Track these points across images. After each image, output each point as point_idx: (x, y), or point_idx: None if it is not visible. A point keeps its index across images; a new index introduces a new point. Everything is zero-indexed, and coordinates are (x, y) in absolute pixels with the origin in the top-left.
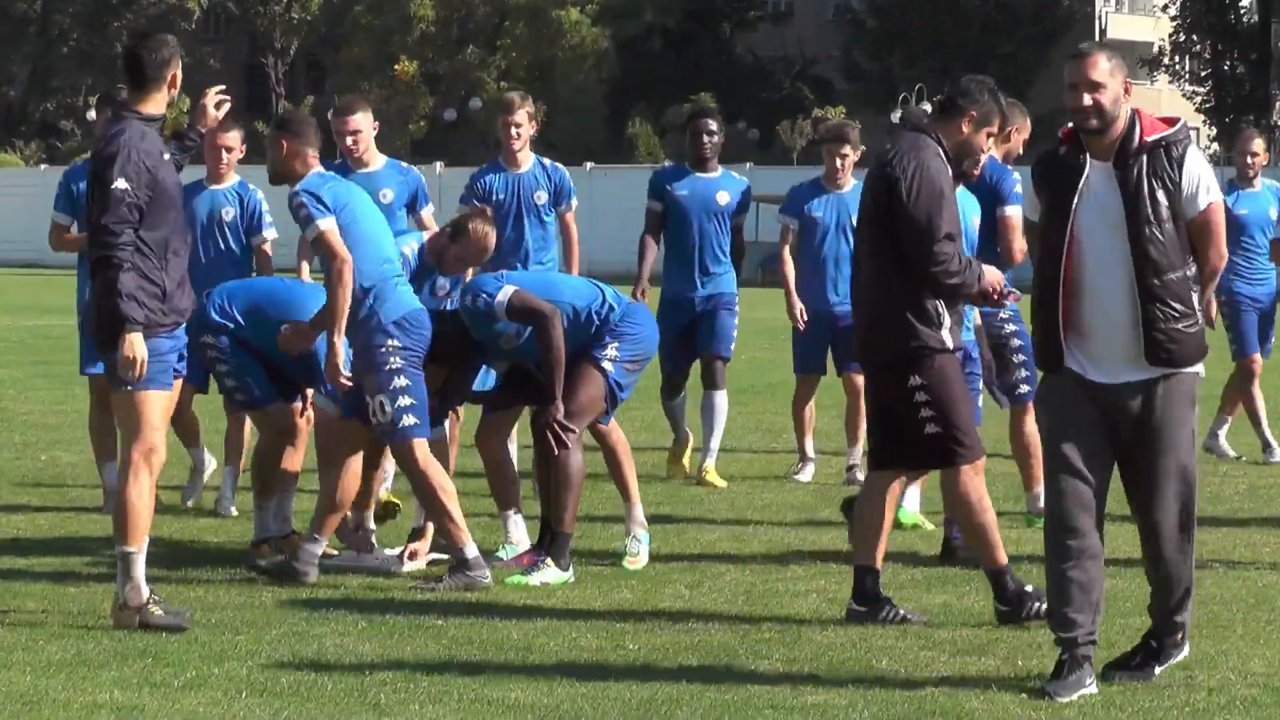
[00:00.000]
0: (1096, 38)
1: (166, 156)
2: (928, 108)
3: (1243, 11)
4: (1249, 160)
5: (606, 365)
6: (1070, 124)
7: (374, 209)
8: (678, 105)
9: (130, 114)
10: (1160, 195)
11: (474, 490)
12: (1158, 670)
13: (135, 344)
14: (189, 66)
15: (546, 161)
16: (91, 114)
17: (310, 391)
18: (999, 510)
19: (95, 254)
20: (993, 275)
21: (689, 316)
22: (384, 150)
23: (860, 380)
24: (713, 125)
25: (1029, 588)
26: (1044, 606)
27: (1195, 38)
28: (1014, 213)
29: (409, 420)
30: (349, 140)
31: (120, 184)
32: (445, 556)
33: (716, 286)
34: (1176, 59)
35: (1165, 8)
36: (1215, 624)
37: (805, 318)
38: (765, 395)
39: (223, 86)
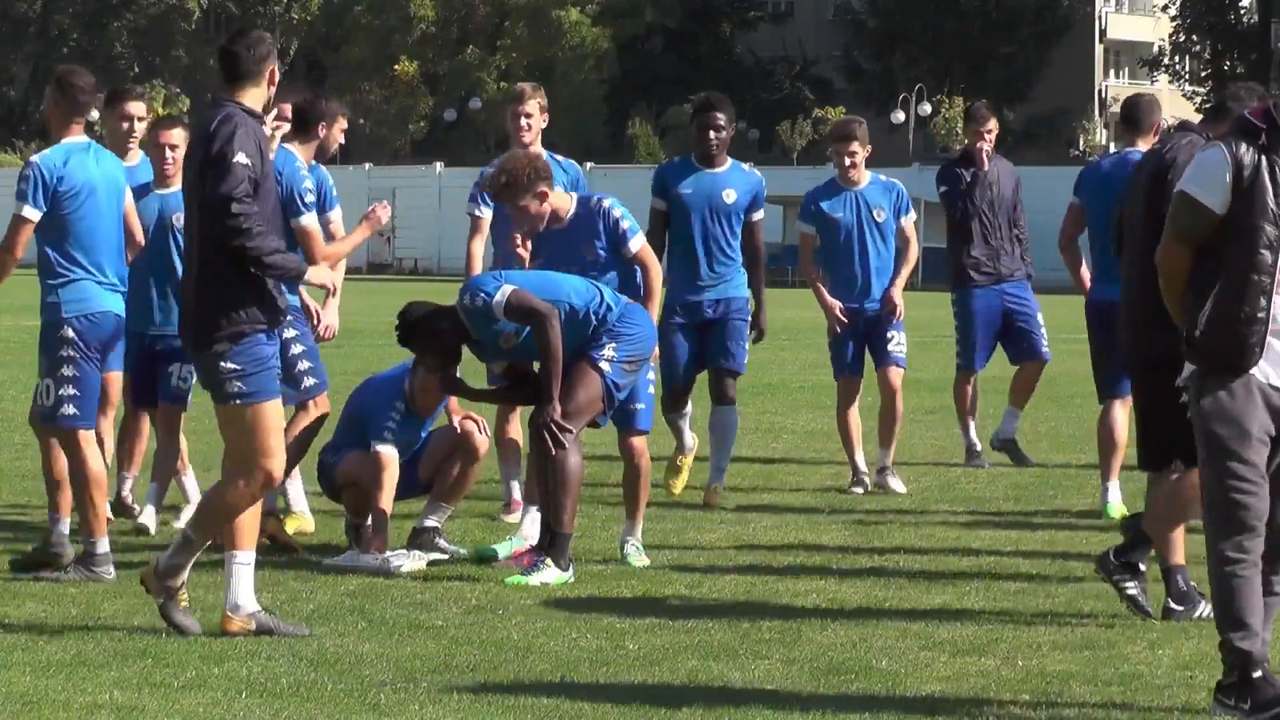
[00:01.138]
0: (1097, 38)
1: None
2: (927, 108)
3: (1243, 11)
4: None
5: (604, 365)
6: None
7: (114, 200)
8: (678, 105)
9: (230, 102)
10: None
11: (475, 494)
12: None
13: (319, 273)
14: (189, 67)
15: (559, 157)
16: (94, 114)
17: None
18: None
19: (230, 229)
20: None
21: (695, 322)
22: (385, 150)
23: (896, 378)
24: (721, 119)
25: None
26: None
27: (1195, 38)
28: None
29: (69, 410)
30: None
31: (241, 158)
32: (445, 556)
33: (724, 291)
34: (1176, 59)
35: (1165, 8)
36: (1215, 624)
37: (846, 319)
38: (765, 395)
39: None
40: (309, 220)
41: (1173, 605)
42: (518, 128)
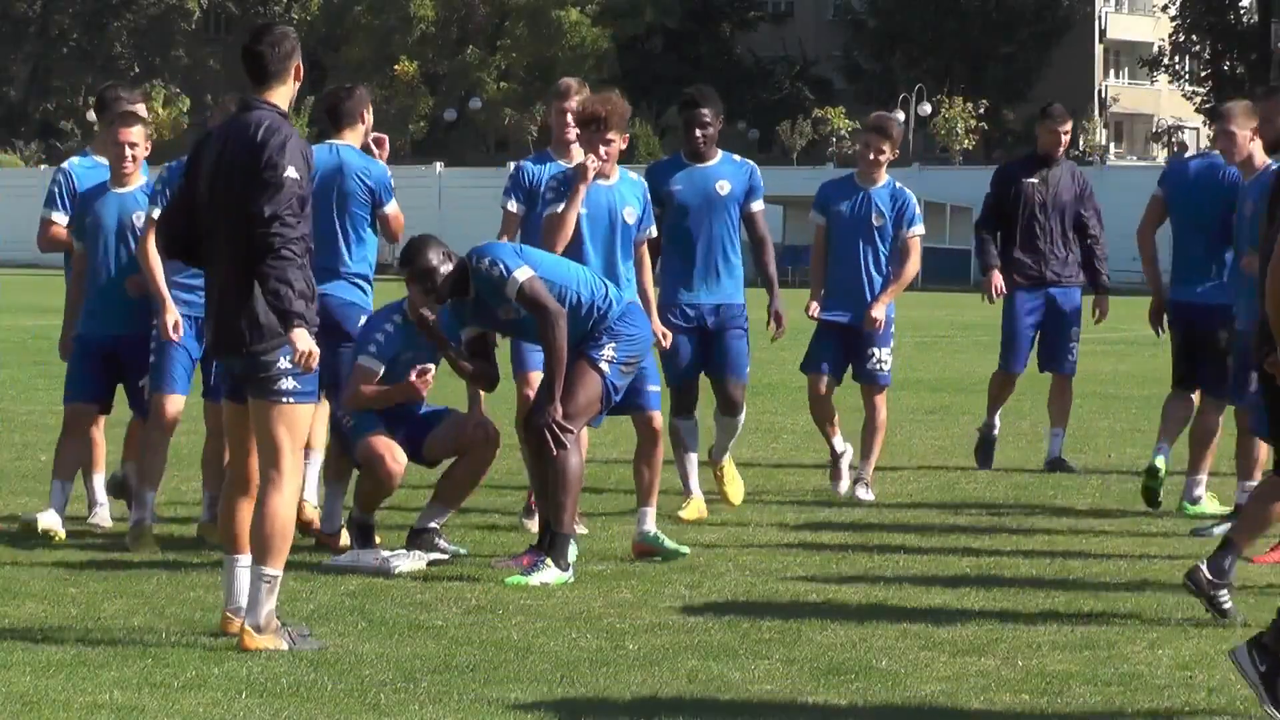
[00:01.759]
0: (1096, 38)
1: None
2: (927, 108)
3: (1243, 11)
4: None
5: (604, 366)
6: None
7: None
8: (677, 105)
9: (267, 106)
10: None
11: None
12: None
13: (306, 338)
14: (189, 67)
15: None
16: (90, 114)
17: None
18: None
19: (264, 245)
20: None
21: (695, 326)
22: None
23: (877, 396)
24: (706, 115)
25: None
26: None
27: (1195, 38)
28: None
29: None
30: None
31: (292, 173)
32: (445, 557)
33: (724, 295)
34: (1176, 59)
35: (1165, 8)
36: (1215, 624)
37: (816, 315)
38: (765, 395)
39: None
40: (393, 208)
41: (1210, 576)
42: (561, 124)
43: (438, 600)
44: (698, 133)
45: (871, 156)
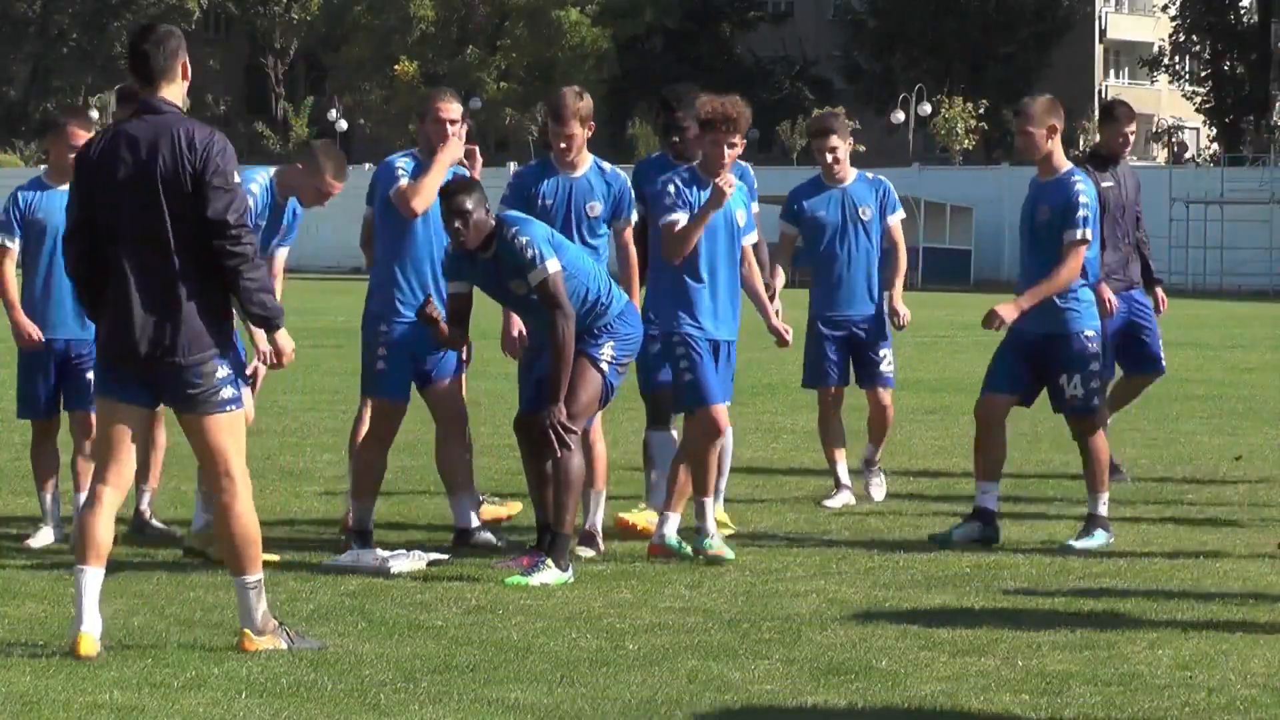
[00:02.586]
0: (1096, 38)
1: None
2: (927, 108)
3: (1243, 11)
4: None
5: (604, 366)
6: None
7: None
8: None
9: (171, 107)
10: None
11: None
12: None
13: (288, 336)
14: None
15: (606, 166)
16: (93, 113)
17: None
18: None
19: (235, 253)
20: None
21: None
22: (385, 150)
23: (887, 397)
24: (681, 116)
25: None
26: None
27: (1195, 38)
28: None
29: None
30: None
31: (238, 178)
32: (445, 557)
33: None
34: (1176, 59)
35: (1165, 8)
36: (1215, 624)
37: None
38: (765, 395)
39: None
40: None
41: None
42: (556, 142)
43: (438, 600)
44: (675, 137)
45: (829, 159)
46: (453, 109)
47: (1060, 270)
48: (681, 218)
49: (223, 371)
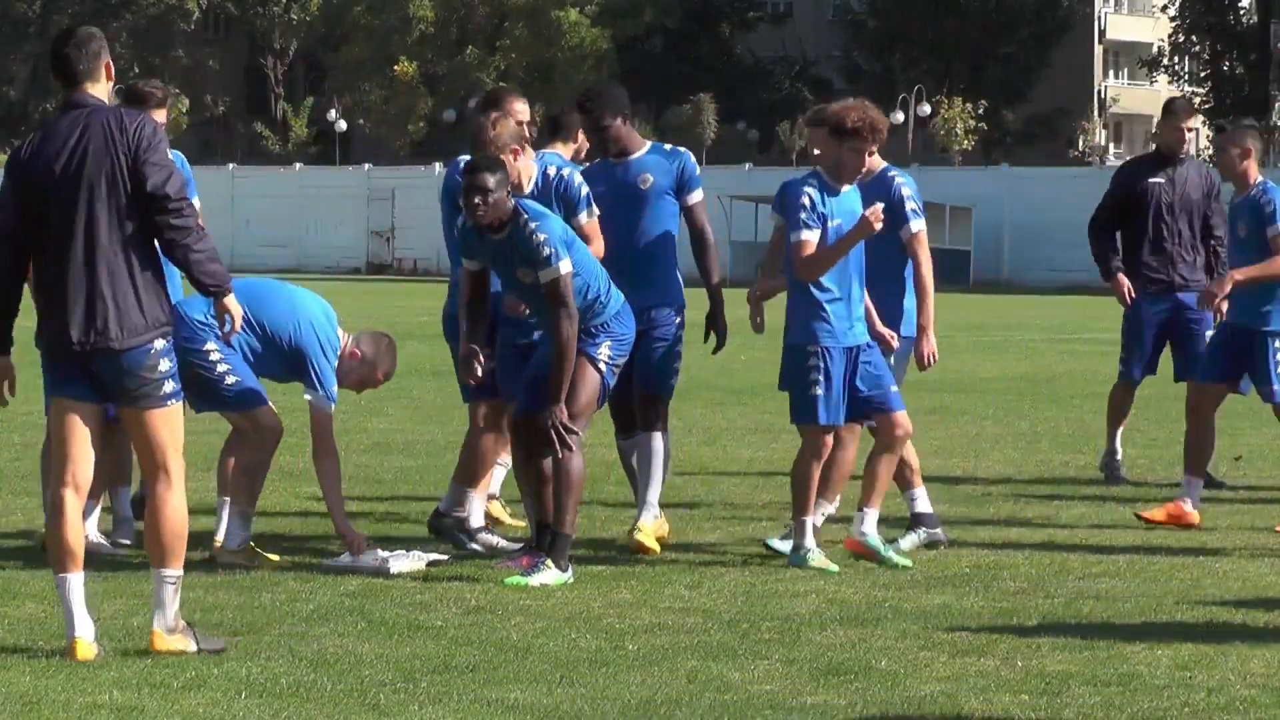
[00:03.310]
0: (1096, 38)
1: None
2: (927, 108)
3: (1242, 12)
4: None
5: (601, 366)
6: None
7: None
8: (678, 105)
9: (96, 100)
10: None
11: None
12: None
13: (236, 301)
14: (189, 67)
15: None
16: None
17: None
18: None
19: (179, 225)
20: None
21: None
22: (384, 151)
23: (904, 421)
24: (598, 118)
25: None
26: None
27: (1195, 38)
28: None
29: None
30: None
31: (171, 158)
32: (445, 557)
33: (653, 296)
34: (1176, 59)
35: (1165, 8)
36: (1215, 624)
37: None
38: (765, 395)
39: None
40: (586, 218)
41: None
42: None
43: (438, 600)
44: (595, 137)
45: (818, 152)
46: (521, 109)
47: (1276, 260)
48: (811, 237)
49: (165, 365)
